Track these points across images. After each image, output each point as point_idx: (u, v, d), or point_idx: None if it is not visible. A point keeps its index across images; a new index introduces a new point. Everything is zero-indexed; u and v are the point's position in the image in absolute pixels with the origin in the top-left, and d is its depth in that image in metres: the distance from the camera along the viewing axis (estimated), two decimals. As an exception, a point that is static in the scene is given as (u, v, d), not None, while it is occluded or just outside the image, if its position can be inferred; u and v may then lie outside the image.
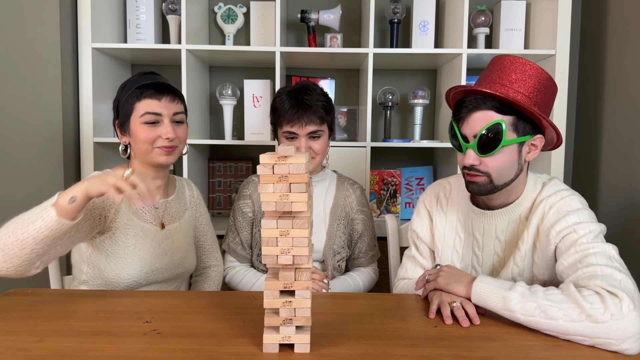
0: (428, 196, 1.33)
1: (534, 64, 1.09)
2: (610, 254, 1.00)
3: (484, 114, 1.07)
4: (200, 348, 0.89)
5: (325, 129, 1.48)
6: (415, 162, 2.50)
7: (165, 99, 1.25)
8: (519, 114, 1.07)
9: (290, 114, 1.41)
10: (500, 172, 1.09)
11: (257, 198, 1.56)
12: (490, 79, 1.10)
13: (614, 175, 2.02)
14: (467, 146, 1.09)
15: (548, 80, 1.10)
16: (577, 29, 2.32)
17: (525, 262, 1.14)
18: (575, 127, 2.35)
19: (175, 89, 1.30)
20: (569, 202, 1.09)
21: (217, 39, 2.42)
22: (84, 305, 1.11)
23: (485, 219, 1.19)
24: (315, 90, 1.46)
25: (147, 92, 1.24)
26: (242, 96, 2.31)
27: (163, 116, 1.24)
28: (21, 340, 0.92)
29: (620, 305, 0.87)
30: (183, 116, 1.29)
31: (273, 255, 0.85)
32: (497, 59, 1.13)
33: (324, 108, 1.45)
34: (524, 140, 1.09)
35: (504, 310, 0.96)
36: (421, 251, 1.32)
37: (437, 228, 1.28)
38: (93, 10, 1.99)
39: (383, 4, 2.31)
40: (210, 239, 1.55)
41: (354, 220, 1.60)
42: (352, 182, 1.63)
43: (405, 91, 2.41)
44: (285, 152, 0.82)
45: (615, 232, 1.96)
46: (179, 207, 1.39)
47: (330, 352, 0.88)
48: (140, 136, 1.24)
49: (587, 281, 0.95)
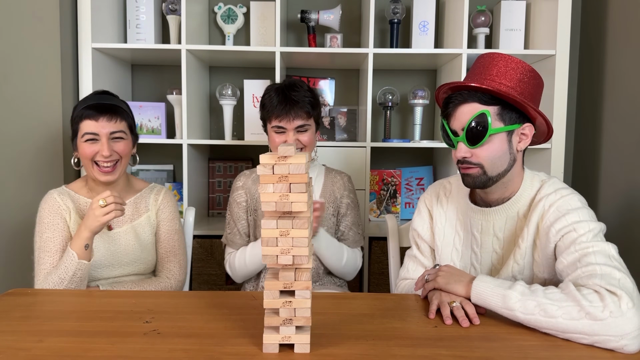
0: (428, 195, 1.35)
1: (517, 59, 1.12)
2: (609, 253, 1.00)
3: (469, 107, 1.10)
4: (200, 348, 0.89)
5: (312, 123, 1.55)
6: (415, 162, 2.50)
7: (102, 119, 1.36)
8: (504, 104, 1.10)
9: (278, 109, 1.49)
10: (492, 161, 1.11)
11: (250, 187, 1.63)
12: (475, 74, 1.14)
13: (613, 175, 2.02)
14: (457, 140, 1.13)
15: (531, 71, 1.12)
16: (577, 29, 2.32)
17: (525, 260, 1.15)
18: (575, 127, 2.35)
19: (116, 107, 1.39)
20: (568, 201, 1.10)
21: (217, 39, 2.42)
22: (84, 305, 1.11)
23: (483, 216, 1.20)
24: (302, 86, 1.53)
25: (87, 112, 1.36)
26: (242, 96, 2.31)
27: (100, 135, 1.36)
28: (21, 340, 0.92)
29: (619, 303, 0.88)
30: (122, 133, 1.39)
31: (273, 255, 0.85)
32: (481, 57, 1.17)
33: (311, 103, 1.52)
34: (512, 129, 1.11)
35: (504, 309, 0.96)
36: (422, 250, 1.33)
37: (437, 226, 1.29)
38: (93, 11, 1.99)
39: (383, 4, 2.31)
40: (167, 247, 1.51)
41: (340, 204, 1.66)
42: (339, 172, 1.71)
43: (405, 91, 2.42)
44: (285, 152, 0.82)
45: (615, 232, 1.96)
46: (131, 213, 1.47)
47: (330, 352, 0.88)
48: (81, 152, 1.38)
49: (587, 280, 0.95)
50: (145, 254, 1.48)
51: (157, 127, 2.20)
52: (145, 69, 2.44)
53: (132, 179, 1.56)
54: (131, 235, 1.46)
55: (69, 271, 1.30)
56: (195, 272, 2.13)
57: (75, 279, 1.31)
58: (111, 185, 1.44)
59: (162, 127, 2.20)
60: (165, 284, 1.46)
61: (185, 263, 1.55)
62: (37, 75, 1.93)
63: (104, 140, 1.36)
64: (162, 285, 1.46)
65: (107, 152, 1.36)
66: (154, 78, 2.44)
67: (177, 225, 1.54)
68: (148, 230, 1.50)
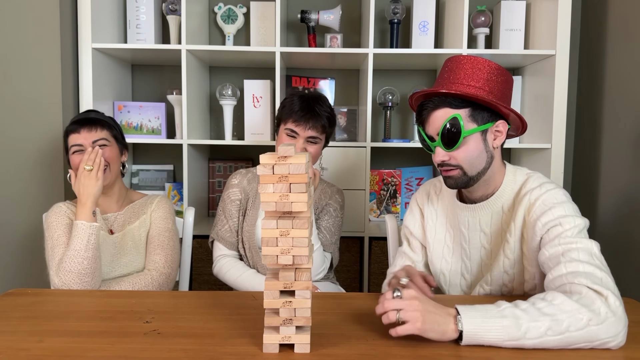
0: (420, 194, 1.38)
1: (483, 59, 1.14)
2: (592, 251, 1.01)
3: (441, 112, 1.12)
4: (200, 348, 0.89)
5: (323, 138, 1.58)
6: (415, 162, 2.50)
7: (83, 130, 1.45)
8: (474, 105, 1.12)
9: (297, 115, 1.51)
10: (470, 162, 1.13)
11: (245, 186, 1.64)
12: (443, 79, 1.16)
13: (613, 175, 2.02)
14: (434, 145, 1.15)
15: (498, 69, 1.14)
16: (577, 29, 2.32)
17: (515, 254, 1.16)
18: (575, 127, 2.35)
19: (96, 119, 1.48)
20: (554, 195, 1.11)
21: (217, 39, 2.42)
22: (84, 305, 1.11)
23: (469, 213, 1.22)
24: (324, 102, 1.57)
25: (71, 127, 1.47)
26: (242, 96, 2.31)
27: (85, 145, 1.45)
28: (21, 340, 0.92)
29: (607, 303, 0.90)
30: (104, 140, 1.47)
31: (273, 255, 0.85)
32: (448, 61, 1.18)
33: (329, 119, 1.56)
34: (486, 128, 1.13)
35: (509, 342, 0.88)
36: (413, 247, 1.36)
37: (429, 224, 1.32)
38: (93, 11, 1.99)
39: (383, 4, 2.31)
40: (155, 242, 1.51)
41: (321, 211, 1.65)
42: (330, 185, 1.71)
43: (405, 91, 2.41)
44: (285, 152, 0.82)
45: (614, 232, 1.96)
46: (129, 218, 1.53)
47: (330, 352, 0.88)
48: (72, 164, 1.46)
49: (572, 278, 0.96)
50: (141, 256, 1.51)
51: (157, 127, 2.20)
52: (145, 69, 2.44)
53: (130, 192, 1.61)
54: (128, 238, 1.50)
55: (83, 239, 1.33)
56: (195, 272, 2.14)
57: (90, 245, 1.33)
58: (106, 195, 1.51)
59: (162, 127, 2.20)
60: (145, 276, 1.44)
61: (173, 260, 1.51)
62: (37, 75, 1.93)
63: (88, 149, 1.45)
64: (143, 278, 1.43)
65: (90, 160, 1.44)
66: (154, 78, 2.44)
67: (170, 224, 1.55)
68: (143, 232, 1.53)
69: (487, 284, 1.20)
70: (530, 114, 2.20)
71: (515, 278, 1.17)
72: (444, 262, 1.28)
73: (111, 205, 1.53)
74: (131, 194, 1.61)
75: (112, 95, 2.21)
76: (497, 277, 1.19)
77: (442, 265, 1.28)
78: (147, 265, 1.50)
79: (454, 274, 1.27)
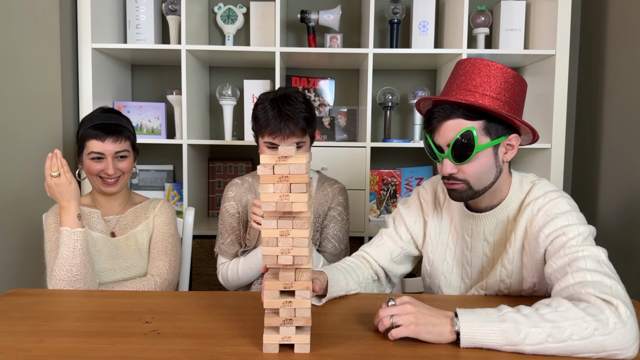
0: (425, 191, 1.32)
1: (497, 64, 1.07)
2: (599, 258, 0.97)
3: (454, 123, 1.05)
4: (200, 348, 0.89)
5: (307, 139, 1.48)
6: (415, 162, 2.50)
7: (108, 140, 1.42)
8: (489, 117, 1.06)
9: (273, 125, 1.41)
10: (478, 177, 1.08)
11: (240, 199, 1.60)
12: (456, 85, 1.09)
13: (613, 175, 2.02)
14: (443, 156, 1.09)
15: (514, 77, 1.08)
16: (577, 29, 2.32)
17: (513, 264, 1.13)
18: (575, 127, 2.35)
19: (121, 128, 1.46)
20: (557, 205, 1.07)
21: (217, 39, 2.42)
22: (84, 305, 1.11)
23: (474, 221, 1.19)
24: (297, 98, 1.45)
25: (93, 132, 1.42)
26: (242, 96, 2.31)
27: (106, 155, 1.43)
28: (21, 340, 0.92)
29: (617, 312, 0.86)
30: (126, 152, 1.47)
31: (273, 255, 0.85)
32: (459, 64, 1.12)
33: (306, 119, 1.44)
34: (499, 142, 1.08)
35: (507, 346, 0.87)
36: (400, 233, 1.30)
37: (433, 225, 1.27)
38: (93, 11, 1.99)
39: (383, 4, 2.31)
40: (159, 248, 1.51)
41: (325, 217, 1.59)
42: (333, 181, 1.65)
43: (405, 91, 2.41)
44: (285, 152, 0.82)
45: (615, 233, 1.96)
46: (132, 221, 1.52)
47: (330, 352, 0.88)
48: (86, 168, 1.45)
49: (579, 289, 0.92)
50: (143, 260, 1.51)
51: (157, 127, 2.20)
52: (145, 69, 2.44)
53: (133, 194, 1.61)
54: (131, 241, 1.50)
55: (69, 247, 1.32)
56: (195, 272, 2.13)
57: (77, 252, 1.32)
58: (111, 197, 1.51)
59: (162, 127, 2.20)
60: (149, 281, 1.44)
61: (176, 265, 1.52)
62: (37, 75, 1.93)
63: (109, 160, 1.43)
64: (146, 283, 1.43)
65: (112, 171, 1.43)
66: (154, 78, 2.44)
67: (173, 230, 1.55)
68: (146, 237, 1.53)
69: (483, 289, 1.19)
70: (530, 114, 2.20)
71: (512, 286, 1.15)
72: (445, 264, 1.26)
73: (114, 207, 1.53)
74: (133, 196, 1.60)
75: (112, 95, 2.21)
76: (493, 285, 1.17)
77: (444, 268, 1.26)
78: (150, 271, 1.49)
79: (455, 277, 1.25)
